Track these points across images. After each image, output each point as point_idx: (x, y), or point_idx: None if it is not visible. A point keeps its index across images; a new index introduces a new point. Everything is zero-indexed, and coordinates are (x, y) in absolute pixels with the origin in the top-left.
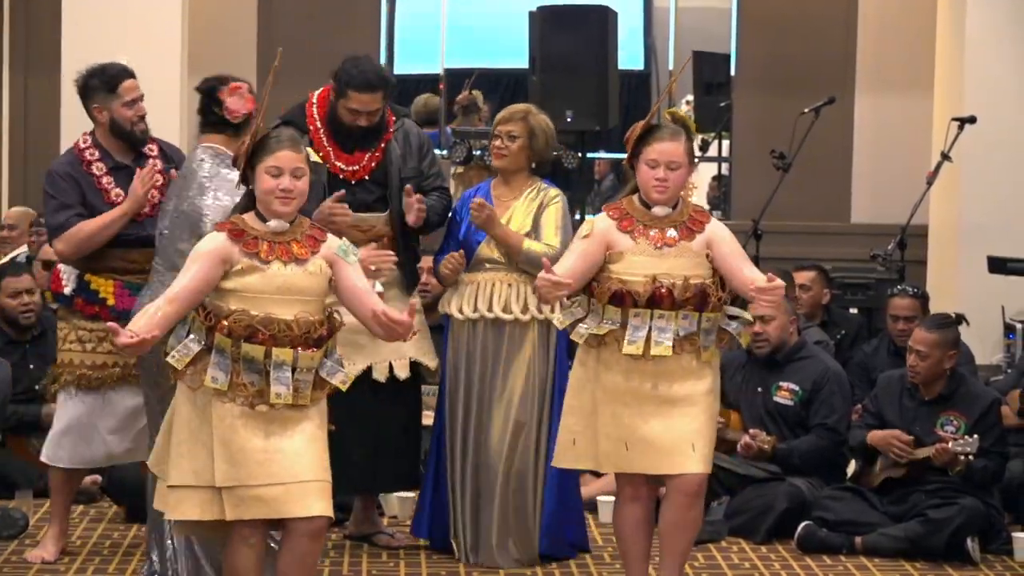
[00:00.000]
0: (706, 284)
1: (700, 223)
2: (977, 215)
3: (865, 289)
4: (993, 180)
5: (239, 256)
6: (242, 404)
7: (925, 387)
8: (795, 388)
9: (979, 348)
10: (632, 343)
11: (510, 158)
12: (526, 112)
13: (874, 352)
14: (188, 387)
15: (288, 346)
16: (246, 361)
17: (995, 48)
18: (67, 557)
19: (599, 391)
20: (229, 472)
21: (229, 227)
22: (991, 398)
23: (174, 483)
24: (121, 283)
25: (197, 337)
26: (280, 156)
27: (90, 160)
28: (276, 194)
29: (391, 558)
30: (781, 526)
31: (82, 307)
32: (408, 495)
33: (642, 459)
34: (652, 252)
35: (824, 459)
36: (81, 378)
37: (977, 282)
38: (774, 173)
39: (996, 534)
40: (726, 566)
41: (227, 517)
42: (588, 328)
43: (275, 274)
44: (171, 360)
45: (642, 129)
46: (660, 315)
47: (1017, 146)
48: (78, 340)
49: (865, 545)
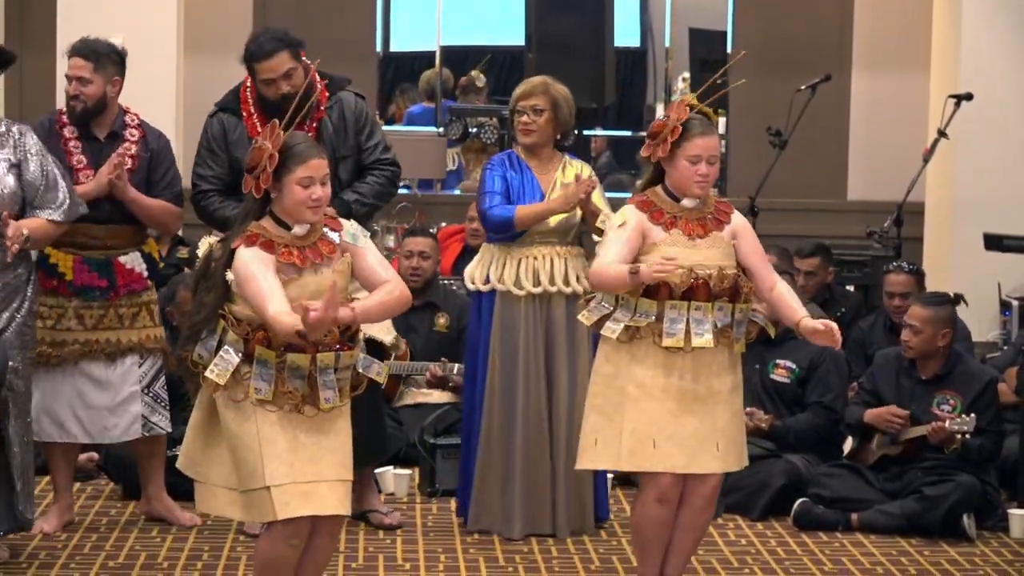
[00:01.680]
0: (739, 275)
1: (727, 214)
2: (973, 192)
3: (861, 266)
4: (990, 157)
5: (277, 266)
6: (289, 411)
7: (922, 366)
8: (792, 366)
9: (975, 325)
10: (671, 336)
11: (539, 132)
12: (546, 84)
13: (870, 328)
14: (230, 397)
15: (329, 350)
16: (291, 369)
17: (991, 25)
18: (65, 532)
19: (629, 386)
20: (278, 471)
21: (258, 239)
22: (987, 377)
23: (247, 487)
24: (80, 258)
25: (234, 349)
26: (311, 165)
27: (64, 123)
28: (308, 204)
29: (387, 536)
30: (777, 503)
31: (41, 281)
32: (404, 472)
33: (669, 458)
34: (686, 243)
35: (820, 437)
36: (41, 355)
37: (973, 259)
38: (770, 150)
39: (992, 511)
40: (723, 543)
41: (277, 517)
42: (622, 322)
43: (308, 281)
44: (212, 376)
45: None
46: (696, 307)
47: (1013, 123)
48: (39, 318)
49: (861, 522)
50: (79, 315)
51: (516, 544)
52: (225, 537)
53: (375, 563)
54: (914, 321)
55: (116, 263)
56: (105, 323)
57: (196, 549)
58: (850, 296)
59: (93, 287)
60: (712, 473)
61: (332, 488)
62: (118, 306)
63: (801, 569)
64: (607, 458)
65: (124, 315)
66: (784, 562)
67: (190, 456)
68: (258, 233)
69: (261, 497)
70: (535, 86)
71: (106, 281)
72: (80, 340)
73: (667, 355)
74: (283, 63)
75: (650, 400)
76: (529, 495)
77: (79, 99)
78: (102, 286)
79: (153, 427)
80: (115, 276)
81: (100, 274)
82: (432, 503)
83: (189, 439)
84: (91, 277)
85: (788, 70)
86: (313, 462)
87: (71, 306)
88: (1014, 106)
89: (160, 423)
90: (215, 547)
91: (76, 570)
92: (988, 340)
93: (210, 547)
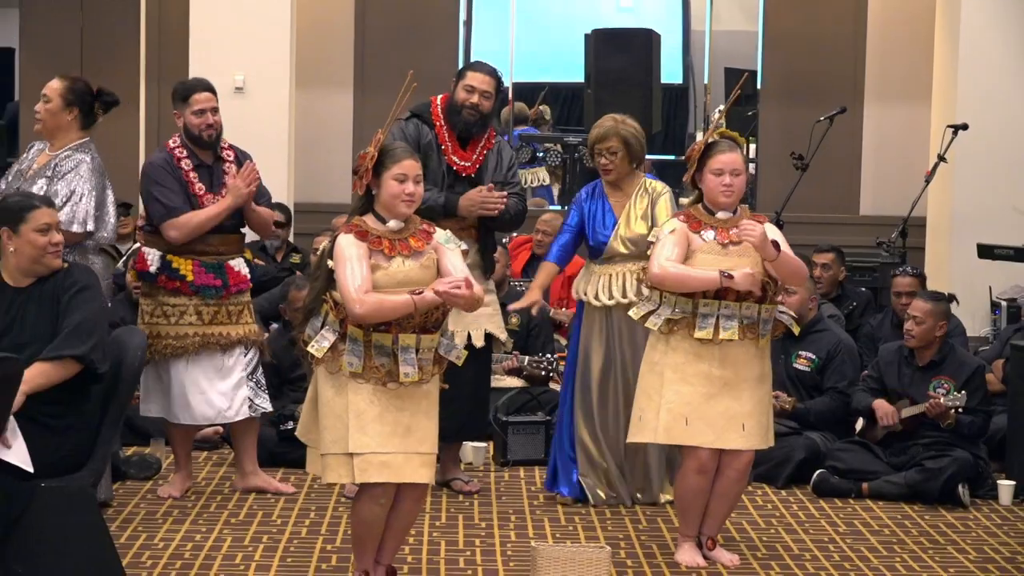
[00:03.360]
0: (765, 279)
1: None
2: (968, 208)
3: (872, 272)
4: (983, 179)
5: (369, 253)
6: (375, 383)
7: (920, 355)
8: (812, 357)
9: (969, 323)
10: (702, 329)
11: (616, 170)
12: (616, 127)
13: (879, 324)
14: (328, 370)
15: (411, 332)
16: (376, 347)
17: (985, 64)
18: (193, 495)
19: (667, 371)
20: (361, 441)
21: (355, 229)
22: (976, 365)
23: (325, 451)
24: (198, 262)
25: (332, 328)
26: (405, 164)
27: (179, 157)
28: (402, 198)
29: (466, 500)
30: (798, 474)
31: (164, 283)
32: (480, 445)
33: (699, 434)
34: (719, 250)
35: (836, 417)
36: (167, 347)
37: (968, 266)
38: (794, 172)
39: (983, 481)
40: (752, 508)
41: (356, 480)
42: (662, 316)
43: (396, 270)
44: (311, 350)
45: (702, 146)
46: (726, 305)
47: (1005, 149)
48: (163, 315)
49: (871, 490)
50: (198, 311)
51: (576, 507)
52: (329, 498)
53: (456, 523)
54: (917, 313)
55: (227, 266)
56: (219, 319)
57: (305, 508)
58: (860, 293)
59: (210, 286)
60: (745, 450)
61: (409, 460)
62: (228, 304)
63: (819, 530)
64: (648, 433)
65: (232, 312)
66: (804, 524)
67: (304, 425)
68: (357, 224)
69: (342, 461)
70: (607, 130)
71: (220, 281)
72: (200, 334)
73: (699, 345)
74: (490, 84)
75: (683, 384)
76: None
77: (213, 127)
78: (217, 285)
79: (257, 407)
80: (227, 277)
81: (215, 275)
82: (504, 472)
83: (305, 411)
84: (208, 278)
85: (809, 103)
86: (396, 436)
87: (191, 304)
88: (1004, 135)
89: (263, 404)
90: (320, 507)
91: (203, 525)
92: (981, 335)
93: (316, 507)
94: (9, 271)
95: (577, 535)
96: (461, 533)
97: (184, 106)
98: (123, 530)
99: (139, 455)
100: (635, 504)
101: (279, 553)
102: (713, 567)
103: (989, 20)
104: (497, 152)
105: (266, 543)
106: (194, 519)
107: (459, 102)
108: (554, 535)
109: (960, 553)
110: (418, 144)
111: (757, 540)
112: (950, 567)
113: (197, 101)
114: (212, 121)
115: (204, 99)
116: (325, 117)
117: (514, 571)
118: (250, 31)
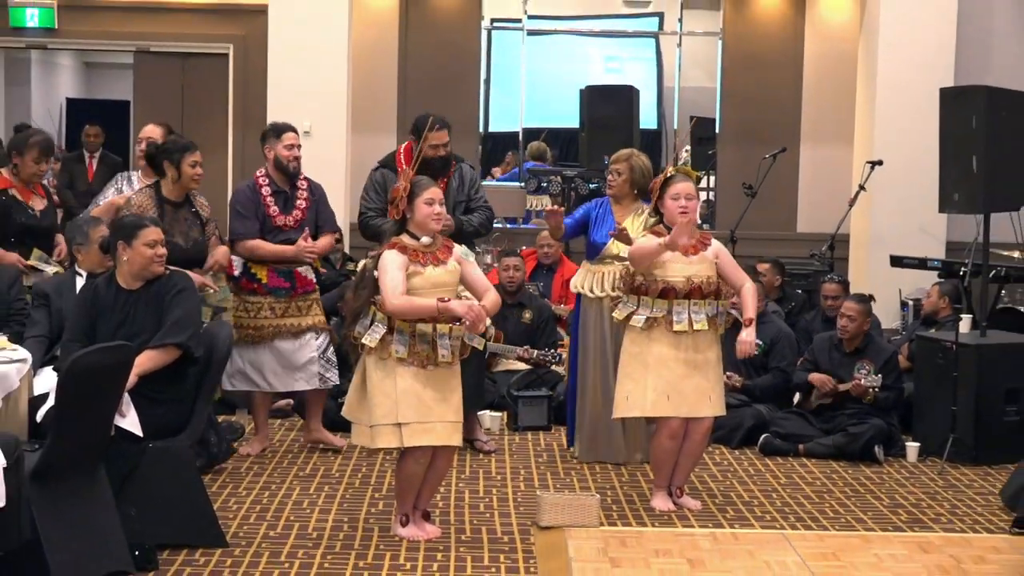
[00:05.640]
0: (719, 282)
1: (706, 242)
2: (883, 228)
3: (806, 278)
4: (894, 204)
5: (408, 264)
6: (418, 366)
7: (847, 343)
8: (759, 342)
9: (884, 317)
10: (680, 323)
11: (616, 187)
12: (630, 155)
13: (812, 319)
14: (379, 357)
15: (445, 322)
16: (419, 335)
17: (897, 112)
18: (270, 453)
19: (650, 358)
20: (408, 413)
21: (396, 245)
22: (891, 351)
23: (375, 423)
24: (273, 269)
25: (381, 323)
26: (432, 191)
27: (262, 184)
28: (432, 216)
29: (485, 457)
30: (748, 437)
31: (245, 284)
32: (496, 414)
33: (679, 407)
34: (684, 260)
35: (778, 392)
36: (248, 336)
37: (882, 273)
38: (744, 198)
39: (895, 443)
40: (711, 464)
41: (405, 444)
42: (643, 315)
43: (430, 275)
44: (365, 341)
45: (662, 180)
46: (695, 303)
47: (910, 181)
48: (245, 310)
49: (806, 451)
50: (271, 307)
51: (572, 464)
52: (376, 458)
53: (477, 476)
54: (850, 312)
55: (295, 272)
56: (289, 312)
57: (358, 465)
58: (797, 295)
59: (280, 288)
60: (707, 417)
61: (444, 426)
62: (297, 301)
63: (764, 483)
64: (638, 408)
65: (301, 307)
66: (753, 477)
67: (351, 404)
68: (397, 242)
69: (390, 430)
70: (623, 155)
71: (288, 283)
72: (273, 324)
73: (675, 336)
74: (442, 138)
75: (664, 368)
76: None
77: (297, 160)
78: (286, 287)
79: (327, 380)
80: (295, 281)
81: (285, 279)
82: (515, 436)
83: (350, 394)
84: (279, 280)
85: (757, 144)
86: (433, 408)
87: (266, 301)
88: (911, 169)
89: (332, 378)
90: (370, 464)
91: (277, 477)
92: (892, 327)
93: (367, 464)
94: (123, 276)
95: (573, 486)
96: (481, 484)
97: (276, 142)
98: (214, 481)
99: (227, 422)
100: (621, 466)
101: (337, 500)
102: (681, 511)
103: (900, 77)
104: (459, 177)
105: (327, 492)
106: (270, 473)
107: (429, 156)
108: (555, 485)
109: (876, 500)
110: (385, 189)
111: (716, 489)
112: (868, 511)
113: (288, 138)
114: (297, 155)
115: (292, 137)
116: (374, 155)
117: (523, 515)
118: (315, 87)
